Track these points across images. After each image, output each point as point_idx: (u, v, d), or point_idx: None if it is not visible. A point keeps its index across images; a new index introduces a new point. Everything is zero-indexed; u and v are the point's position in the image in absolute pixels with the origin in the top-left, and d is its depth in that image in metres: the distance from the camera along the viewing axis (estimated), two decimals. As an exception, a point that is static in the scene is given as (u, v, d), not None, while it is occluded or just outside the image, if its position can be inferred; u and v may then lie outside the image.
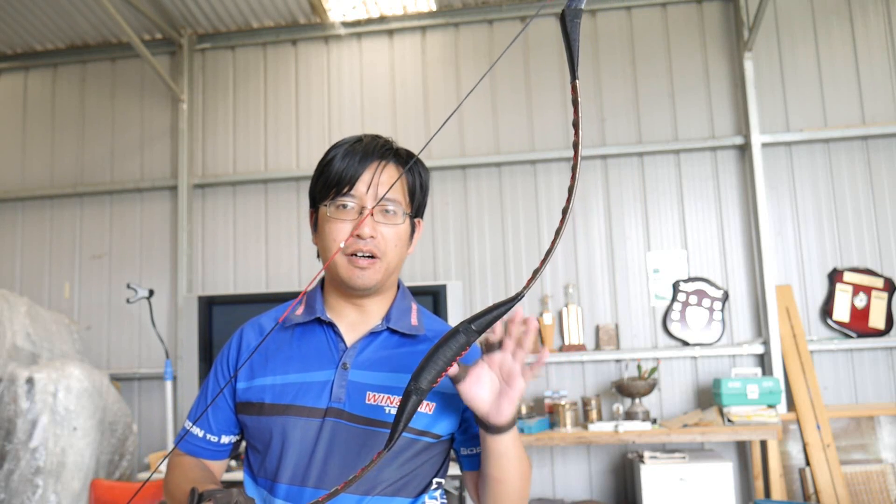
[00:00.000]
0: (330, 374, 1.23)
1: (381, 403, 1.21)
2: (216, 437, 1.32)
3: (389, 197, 1.25)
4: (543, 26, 4.82)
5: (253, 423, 1.26)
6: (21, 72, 5.31)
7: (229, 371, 1.31)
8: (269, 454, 1.23)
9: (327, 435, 1.19)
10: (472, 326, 1.02)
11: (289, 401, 1.22)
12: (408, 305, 1.34)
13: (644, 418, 3.98)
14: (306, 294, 1.34)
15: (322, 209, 1.26)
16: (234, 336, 1.36)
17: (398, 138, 5.17)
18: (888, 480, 3.96)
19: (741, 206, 4.50)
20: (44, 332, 4.15)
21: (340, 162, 1.25)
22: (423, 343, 1.30)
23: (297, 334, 1.30)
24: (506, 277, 4.63)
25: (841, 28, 4.56)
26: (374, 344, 1.27)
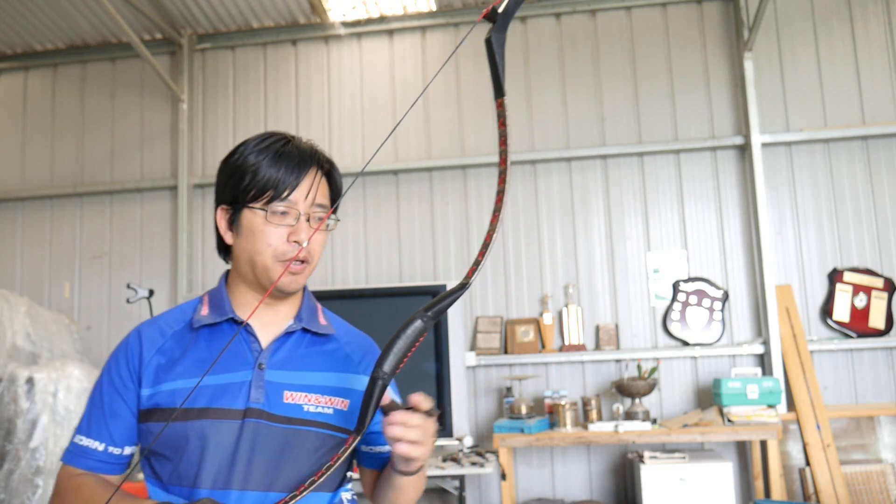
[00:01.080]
0: (246, 374, 1.23)
1: (298, 402, 1.23)
2: (119, 448, 1.25)
3: (322, 204, 1.27)
4: (543, 27, 4.82)
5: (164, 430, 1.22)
6: (21, 72, 5.31)
7: (131, 377, 1.25)
8: (185, 460, 1.20)
9: (249, 436, 1.19)
10: (428, 314, 1.08)
11: (205, 404, 1.20)
12: (314, 305, 1.36)
13: (644, 418, 3.98)
14: (208, 294, 1.33)
15: (252, 211, 1.24)
16: (130, 339, 1.29)
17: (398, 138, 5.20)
18: (888, 480, 3.96)
19: (741, 206, 4.50)
20: (44, 332, 4.15)
21: (274, 167, 1.23)
22: (332, 342, 1.33)
23: (204, 336, 1.27)
24: (506, 277, 4.63)
25: (841, 28, 4.56)
26: (288, 343, 1.28)
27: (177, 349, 1.26)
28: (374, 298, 4.36)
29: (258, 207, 1.23)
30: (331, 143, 4.89)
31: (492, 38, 1.09)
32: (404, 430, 1.08)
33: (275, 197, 1.22)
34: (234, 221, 1.27)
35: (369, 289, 4.48)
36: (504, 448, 3.95)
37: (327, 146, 4.90)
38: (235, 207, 1.26)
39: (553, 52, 4.78)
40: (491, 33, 1.08)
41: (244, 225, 1.25)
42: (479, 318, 4.59)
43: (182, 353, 1.25)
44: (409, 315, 1.09)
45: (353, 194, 4.82)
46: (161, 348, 1.27)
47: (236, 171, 1.25)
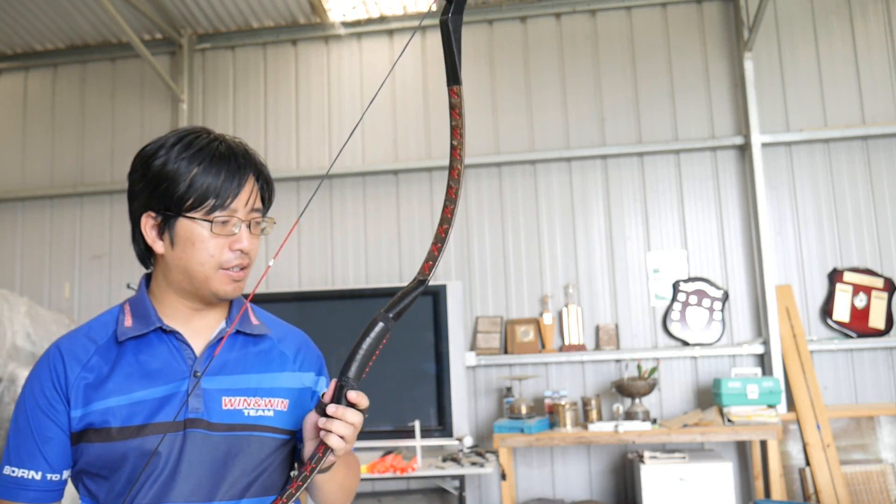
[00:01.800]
0: (181, 384, 1.18)
1: (238, 407, 1.20)
2: (57, 474, 1.18)
3: (258, 208, 1.24)
4: (543, 27, 4.82)
5: (98, 451, 1.15)
6: (21, 72, 5.31)
7: (60, 398, 1.17)
8: (124, 479, 1.14)
9: (191, 448, 1.15)
10: (389, 315, 1.08)
11: (142, 420, 1.15)
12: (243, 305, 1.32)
13: (644, 418, 3.98)
14: (129, 304, 1.26)
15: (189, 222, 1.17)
16: (51, 358, 1.20)
17: (398, 138, 5.18)
18: (888, 480, 3.96)
19: (741, 206, 4.50)
20: (44, 332, 4.15)
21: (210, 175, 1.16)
22: (266, 341, 1.29)
23: (131, 349, 1.20)
24: (506, 277, 4.63)
25: (841, 28, 4.56)
26: (221, 348, 1.23)
27: (104, 365, 1.19)
28: (374, 298, 4.36)
29: (199, 217, 1.16)
30: (331, 143, 4.89)
31: (448, 20, 1.05)
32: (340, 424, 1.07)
33: (216, 206, 1.16)
34: (164, 230, 1.19)
35: (369, 289, 4.49)
36: (504, 448, 3.95)
37: (327, 146, 4.91)
38: (167, 215, 1.18)
39: (553, 52, 4.78)
40: (447, 15, 1.04)
41: (181, 235, 1.18)
42: (479, 318, 4.59)
43: (110, 370, 1.19)
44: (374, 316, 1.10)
45: (353, 194, 4.83)
46: (86, 365, 1.19)
47: (165, 178, 1.16)
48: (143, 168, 1.19)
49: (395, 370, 4.16)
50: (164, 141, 1.19)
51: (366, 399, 1.09)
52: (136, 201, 1.21)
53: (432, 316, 4.22)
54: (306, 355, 1.32)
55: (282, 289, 4.73)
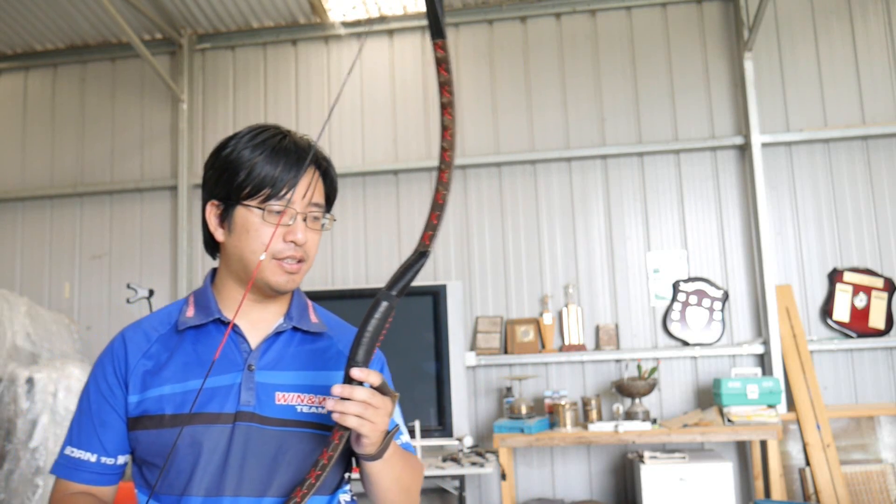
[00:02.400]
0: (236, 377, 1.18)
1: (291, 403, 1.19)
2: (112, 458, 1.21)
3: (318, 203, 1.23)
4: (543, 27, 4.82)
5: (152, 438, 1.17)
6: (21, 72, 5.31)
7: (119, 384, 1.21)
8: (175, 468, 1.15)
9: (240, 440, 1.15)
10: (392, 293, 1.05)
11: (194, 409, 1.15)
12: (305, 303, 1.32)
13: (644, 418, 3.98)
14: (193, 294, 1.29)
15: (247, 209, 1.19)
16: (115, 345, 1.24)
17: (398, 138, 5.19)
18: (888, 480, 3.96)
19: (741, 206, 4.50)
20: (44, 332, 4.16)
21: (271, 164, 1.18)
22: (324, 339, 1.29)
23: (190, 338, 1.23)
24: (506, 277, 4.63)
25: (841, 28, 4.56)
26: (277, 343, 1.24)
27: (163, 353, 1.22)
28: (374, 298, 4.35)
29: (254, 206, 1.18)
30: (331, 143, 4.89)
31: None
32: (351, 404, 1.03)
33: (272, 195, 1.18)
34: (225, 218, 1.23)
35: (369, 289, 4.49)
36: (504, 448, 3.95)
37: (327, 146, 4.90)
38: (228, 203, 1.22)
39: (553, 52, 4.78)
40: None
41: (237, 222, 1.21)
42: (479, 318, 4.59)
43: (168, 357, 1.21)
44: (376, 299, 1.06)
45: (353, 194, 4.83)
46: (147, 353, 1.22)
47: (229, 166, 1.20)
48: (214, 157, 1.24)
49: (395, 370, 4.13)
50: (237, 133, 1.23)
51: (376, 375, 1.05)
52: (205, 190, 1.27)
53: (432, 316, 4.22)
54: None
55: (282, 289, 4.72)
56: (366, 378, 1.04)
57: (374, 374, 1.05)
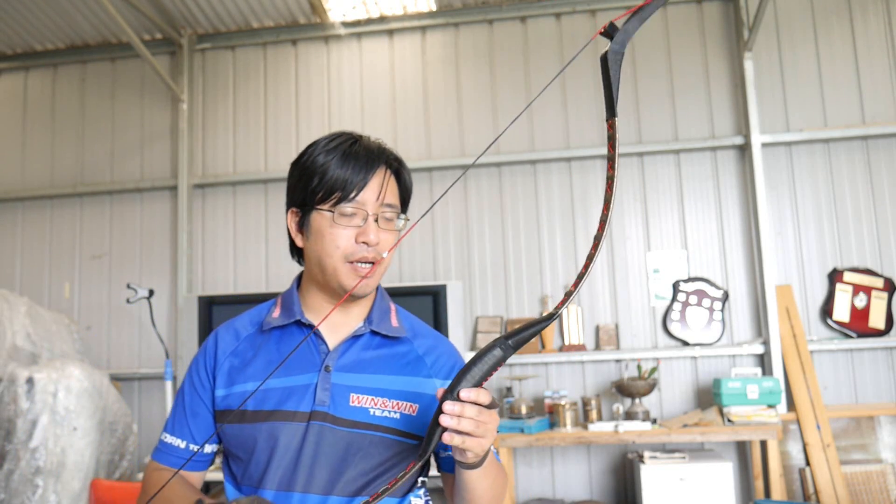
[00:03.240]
0: (313, 377, 1.23)
1: (365, 405, 1.21)
2: (198, 446, 1.30)
3: (391, 203, 1.25)
4: (543, 27, 4.82)
5: (234, 431, 1.24)
6: (21, 72, 5.31)
7: (208, 378, 1.29)
8: (254, 461, 1.22)
9: (313, 439, 1.19)
10: (509, 342, 1.05)
11: (272, 406, 1.21)
12: (387, 306, 1.34)
13: (644, 418, 3.98)
14: (281, 296, 1.34)
15: (320, 213, 1.23)
16: (209, 341, 1.33)
17: (398, 138, 5.18)
18: (888, 480, 3.96)
19: (741, 206, 4.50)
20: (44, 332, 4.15)
21: (342, 167, 1.21)
22: (404, 344, 1.30)
23: (274, 338, 1.28)
24: (506, 277, 4.63)
25: (841, 28, 4.56)
26: (356, 346, 1.27)
27: (249, 351, 1.28)
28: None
29: (325, 209, 1.22)
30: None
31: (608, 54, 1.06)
32: (457, 420, 1.03)
33: (343, 198, 1.21)
34: (303, 224, 1.26)
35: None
36: (504, 448, 3.95)
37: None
38: (305, 210, 1.25)
39: (553, 52, 4.78)
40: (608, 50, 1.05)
41: (313, 227, 1.24)
42: (479, 318, 4.59)
43: (254, 356, 1.27)
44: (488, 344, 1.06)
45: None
46: (235, 350, 1.29)
47: (305, 173, 1.24)
48: (293, 166, 1.28)
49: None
50: (316, 141, 1.28)
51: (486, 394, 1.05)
52: (287, 198, 1.30)
53: (432, 316, 4.23)
54: (445, 363, 1.31)
55: (282, 288, 4.72)
56: (476, 398, 1.04)
57: (483, 393, 1.05)
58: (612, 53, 1.06)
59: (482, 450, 1.09)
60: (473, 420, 1.04)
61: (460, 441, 1.05)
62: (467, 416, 1.04)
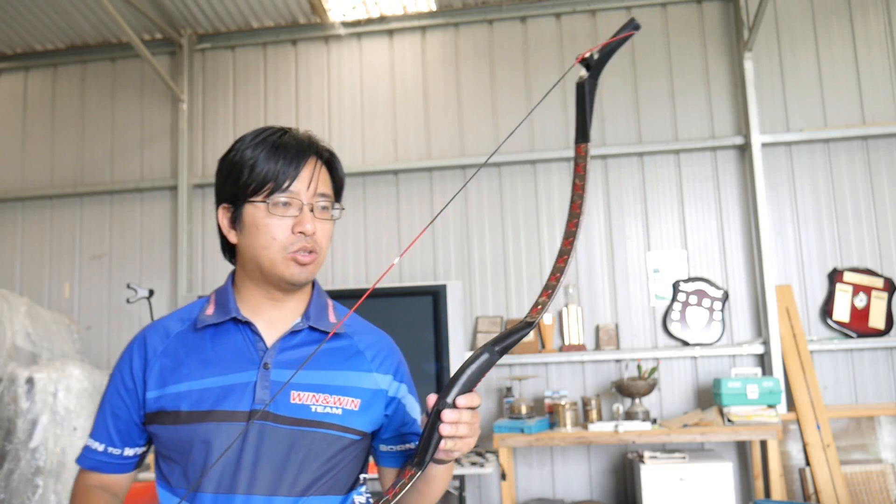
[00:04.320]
0: (251, 375, 1.20)
1: (306, 402, 1.20)
2: (118, 449, 1.27)
3: (325, 193, 1.25)
4: (543, 27, 4.82)
5: (169, 433, 1.21)
6: (21, 72, 5.31)
7: (134, 380, 1.25)
8: (191, 464, 1.18)
9: (254, 439, 1.17)
10: (495, 348, 1.07)
11: (209, 406, 1.18)
12: (325, 302, 1.33)
13: (644, 418, 3.98)
14: (215, 293, 1.31)
15: (253, 206, 1.21)
16: (135, 342, 1.29)
17: (398, 138, 5.18)
18: (888, 480, 3.96)
19: (741, 206, 4.50)
20: (44, 332, 4.15)
21: (271, 159, 1.21)
22: (343, 339, 1.30)
23: (209, 336, 1.25)
24: (506, 277, 4.63)
25: (841, 28, 4.56)
26: (294, 342, 1.25)
27: (181, 350, 1.25)
28: (374, 298, 4.34)
29: (259, 201, 1.21)
30: (331, 144, 4.87)
31: (585, 82, 1.10)
32: (456, 427, 1.05)
33: (275, 189, 1.20)
34: (236, 219, 1.25)
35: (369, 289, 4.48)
36: (504, 448, 3.95)
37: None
38: (237, 205, 1.24)
39: (553, 52, 4.78)
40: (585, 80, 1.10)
41: (247, 221, 1.23)
42: (479, 318, 4.59)
43: (186, 355, 1.24)
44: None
45: (352, 194, 4.83)
46: (165, 350, 1.25)
47: (234, 168, 1.23)
48: (221, 163, 1.27)
49: (395, 370, 4.15)
50: (242, 137, 1.27)
51: (478, 398, 1.09)
52: (216, 196, 1.28)
53: (432, 316, 4.22)
54: (385, 357, 1.32)
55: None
56: (471, 403, 1.07)
57: (476, 397, 1.08)
58: (588, 82, 1.12)
59: (469, 448, 1.11)
60: (468, 424, 1.07)
61: (453, 444, 1.07)
62: (463, 422, 1.06)
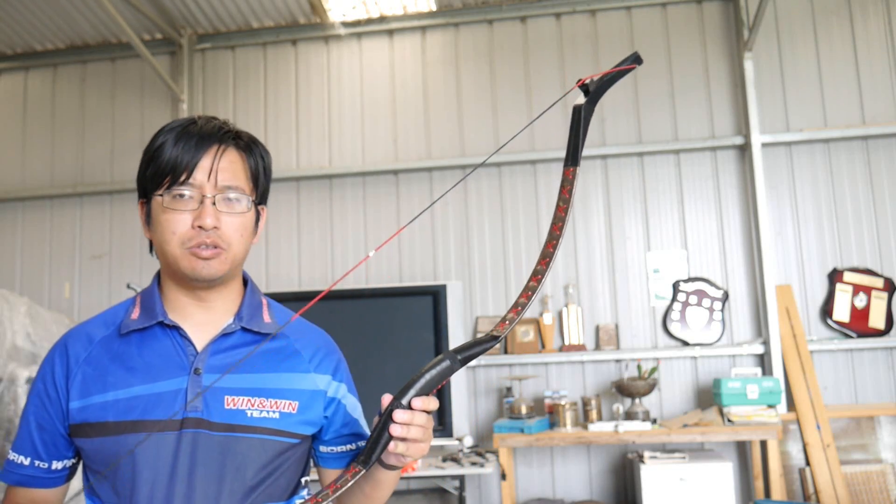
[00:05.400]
0: (182, 381, 1.14)
1: (241, 407, 1.14)
2: (45, 463, 1.19)
3: (231, 184, 1.15)
4: (543, 27, 4.82)
5: (95, 446, 1.13)
6: (21, 72, 5.31)
7: (57, 390, 1.17)
8: (120, 478, 1.11)
9: (188, 448, 1.11)
10: (458, 357, 1.05)
11: (137, 416, 1.11)
12: (258, 301, 1.26)
13: (644, 418, 3.98)
14: (140, 295, 1.23)
15: (155, 199, 1.14)
16: (55, 350, 1.20)
17: (398, 138, 5.16)
18: (888, 480, 3.96)
19: (741, 206, 4.50)
20: (44, 332, 4.15)
21: (173, 148, 1.13)
22: (278, 340, 1.22)
23: (135, 342, 1.17)
24: (506, 277, 4.63)
25: (841, 28, 4.56)
26: (226, 345, 1.19)
27: (105, 357, 1.17)
28: (374, 298, 4.36)
29: (159, 194, 1.14)
30: (331, 143, 4.89)
31: (582, 107, 1.10)
32: (407, 429, 1.03)
33: (174, 181, 1.13)
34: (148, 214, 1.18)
35: (369, 289, 4.48)
36: (504, 448, 3.95)
37: (327, 146, 4.91)
38: (148, 198, 1.17)
39: (553, 52, 4.78)
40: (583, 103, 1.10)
41: (153, 216, 1.16)
42: (479, 318, 4.59)
43: (111, 362, 1.16)
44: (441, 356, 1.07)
45: (352, 194, 4.83)
46: (88, 357, 1.17)
47: (144, 160, 1.17)
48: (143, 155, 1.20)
49: (395, 370, 4.16)
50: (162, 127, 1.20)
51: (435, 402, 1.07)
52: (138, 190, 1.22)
53: (432, 316, 4.22)
54: (324, 357, 1.26)
55: (282, 289, 4.72)
56: (426, 406, 1.04)
57: (433, 401, 1.06)
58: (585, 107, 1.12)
59: (422, 454, 1.09)
60: (422, 427, 1.05)
61: (405, 448, 1.05)
62: (416, 424, 1.04)
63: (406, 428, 1.03)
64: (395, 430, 1.02)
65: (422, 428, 1.05)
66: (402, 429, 1.03)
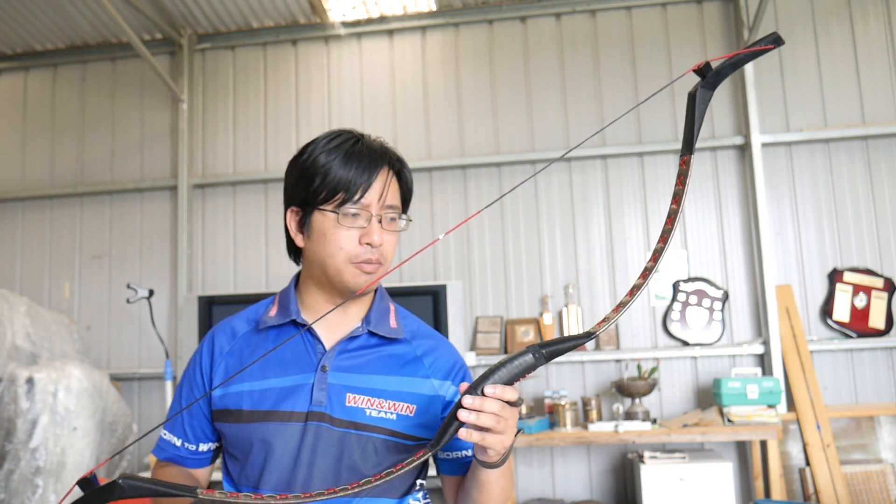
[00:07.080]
0: (309, 377, 1.22)
1: (360, 406, 1.21)
2: (194, 445, 1.31)
3: (393, 203, 1.25)
4: (543, 27, 4.82)
5: (232, 431, 1.24)
6: (21, 72, 5.31)
7: (202, 378, 1.29)
8: (251, 462, 1.22)
9: (310, 439, 1.19)
10: (542, 351, 1.03)
11: (269, 407, 1.21)
12: (386, 307, 1.33)
13: (644, 418, 3.98)
14: (279, 295, 1.33)
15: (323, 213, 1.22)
16: (205, 341, 1.33)
17: (398, 138, 5.19)
18: (888, 480, 3.96)
19: (741, 206, 4.50)
20: (44, 332, 4.15)
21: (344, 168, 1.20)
22: (402, 345, 1.29)
23: (271, 337, 1.27)
24: (506, 277, 4.63)
25: (841, 28, 4.56)
26: (353, 346, 1.26)
27: (245, 350, 1.28)
28: (374, 298, 4.35)
29: (329, 210, 1.21)
30: (331, 143, 4.88)
31: (697, 93, 1.05)
32: (476, 415, 1.01)
33: (347, 199, 1.20)
34: (304, 223, 1.25)
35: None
36: (504, 448, 3.94)
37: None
38: (306, 209, 1.24)
39: (553, 52, 4.78)
40: (697, 88, 1.05)
41: (315, 228, 1.23)
42: (479, 318, 4.59)
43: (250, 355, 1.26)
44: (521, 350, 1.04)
45: (353, 194, 4.82)
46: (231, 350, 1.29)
47: (306, 172, 1.22)
48: (292, 164, 1.27)
49: (395, 370, 4.15)
50: (315, 139, 1.26)
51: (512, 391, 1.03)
52: (285, 197, 1.29)
53: (432, 316, 4.23)
54: (442, 362, 1.29)
55: (281, 289, 4.72)
56: (502, 395, 1.02)
57: (510, 390, 1.03)
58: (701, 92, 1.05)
59: (503, 447, 1.06)
60: (494, 415, 1.02)
61: (479, 437, 1.02)
62: (487, 411, 1.01)
63: (476, 414, 1.01)
64: (463, 415, 1.01)
65: (494, 416, 1.01)
66: (469, 415, 1.01)
